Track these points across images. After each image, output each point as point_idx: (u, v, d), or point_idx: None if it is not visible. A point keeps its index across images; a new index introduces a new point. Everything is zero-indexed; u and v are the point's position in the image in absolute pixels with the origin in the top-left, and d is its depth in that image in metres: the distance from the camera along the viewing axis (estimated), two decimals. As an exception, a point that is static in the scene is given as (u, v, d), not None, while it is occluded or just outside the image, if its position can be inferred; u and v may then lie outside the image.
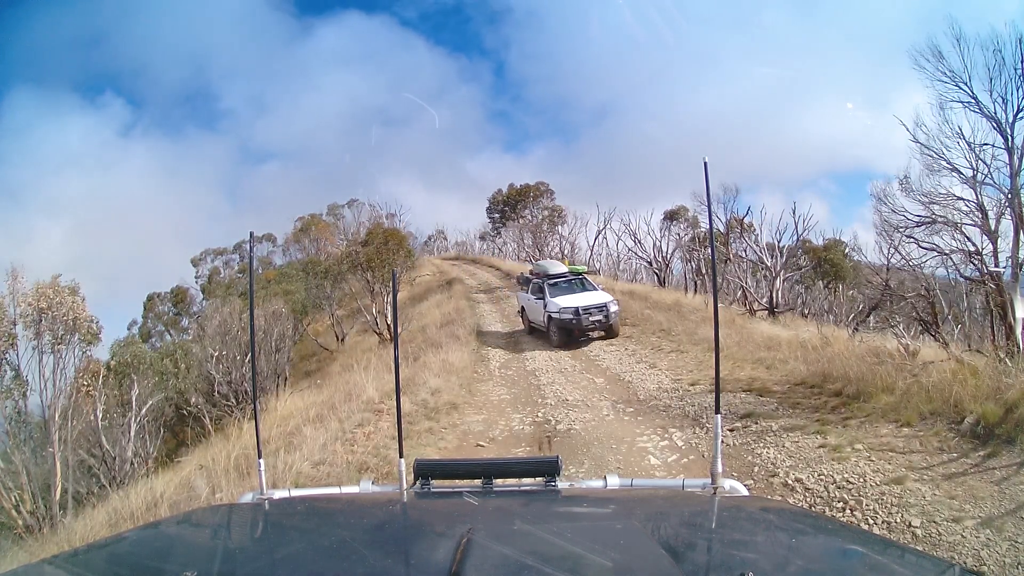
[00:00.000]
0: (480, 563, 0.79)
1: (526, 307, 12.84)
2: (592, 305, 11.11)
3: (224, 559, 0.98)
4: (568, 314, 10.94)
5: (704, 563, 0.92)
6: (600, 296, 11.62)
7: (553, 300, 11.38)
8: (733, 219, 16.61)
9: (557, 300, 11.34)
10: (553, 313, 11.16)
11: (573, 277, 12.53)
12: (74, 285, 11.46)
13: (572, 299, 11.30)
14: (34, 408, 10.28)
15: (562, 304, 11.12)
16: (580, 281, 12.36)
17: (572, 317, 10.92)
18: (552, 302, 11.34)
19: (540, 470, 1.34)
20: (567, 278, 12.40)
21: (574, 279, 12.41)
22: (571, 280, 12.33)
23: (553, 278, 12.28)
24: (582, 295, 11.60)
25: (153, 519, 4.32)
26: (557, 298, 11.43)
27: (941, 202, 6.90)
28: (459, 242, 40.86)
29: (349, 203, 35.30)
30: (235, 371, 12.14)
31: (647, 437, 5.80)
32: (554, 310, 11.15)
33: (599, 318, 11.01)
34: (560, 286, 11.98)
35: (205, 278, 37.16)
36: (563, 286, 12.00)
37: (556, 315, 11.07)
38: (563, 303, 11.16)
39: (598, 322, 11.02)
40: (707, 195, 1.56)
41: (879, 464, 4.46)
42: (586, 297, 11.49)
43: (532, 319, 12.39)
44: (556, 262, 14.18)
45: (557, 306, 11.15)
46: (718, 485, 1.29)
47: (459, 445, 6.10)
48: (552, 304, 11.29)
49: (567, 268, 13.16)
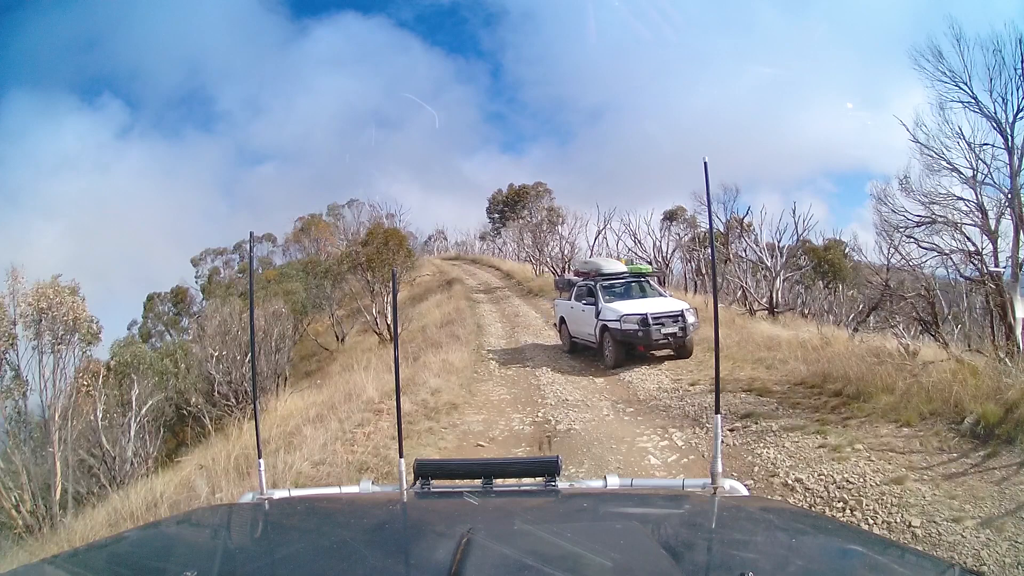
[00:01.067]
0: (480, 563, 0.79)
1: (567, 317, 10.51)
2: (665, 313, 8.80)
3: (224, 559, 0.98)
4: (632, 324, 8.66)
5: (704, 563, 0.92)
6: (672, 302, 9.40)
7: (610, 306, 9.17)
8: (733, 219, 16.59)
9: (616, 306, 9.12)
10: (610, 322, 8.91)
11: (633, 278, 10.29)
12: (74, 285, 11.48)
13: (636, 305, 9.13)
14: (34, 408, 10.29)
15: (623, 311, 8.87)
16: (642, 283, 10.18)
17: (638, 328, 8.59)
18: (608, 308, 9.11)
19: (540, 470, 1.35)
20: (625, 279, 10.21)
21: (635, 281, 10.21)
22: (631, 282, 10.15)
23: (608, 278, 10.06)
24: (649, 300, 9.43)
25: (153, 519, 4.32)
26: (615, 303, 9.26)
27: (941, 202, 6.90)
28: (459, 242, 40.95)
29: (349, 203, 35.35)
30: (235, 371, 12.13)
31: (647, 437, 5.80)
32: (611, 318, 8.89)
33: (673, 331, 8.68)
34: (617, 289, 9.88)
35: (205, 278, 37.20)
36: (621, 289, 9.91)
37: (615, 325, 8.82)
38: (624, 309, 8.92)
39: (671, 336, 8.70)
40: (707, 195, 1.56)
41: (879, 464, 4.46)
42: (655, 303, 9.23)
43: (576, 332, 10.17)
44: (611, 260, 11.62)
45: (616, 313, 8.88)
46: (718, 485, 1.29)
47: (459, 445, 6.10)
48: (609, 311, 9.05)
49: (625, 267, 10.70)
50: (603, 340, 9.16)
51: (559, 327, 11.06)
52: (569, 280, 11.40)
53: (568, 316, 10.51)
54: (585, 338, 9.83)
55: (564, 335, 10.76)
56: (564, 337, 10.77)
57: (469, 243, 39.31)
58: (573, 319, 10.29)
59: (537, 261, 22.13)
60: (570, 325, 10.42)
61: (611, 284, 9.95)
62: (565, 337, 10.70)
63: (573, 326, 10.31)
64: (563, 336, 10.82)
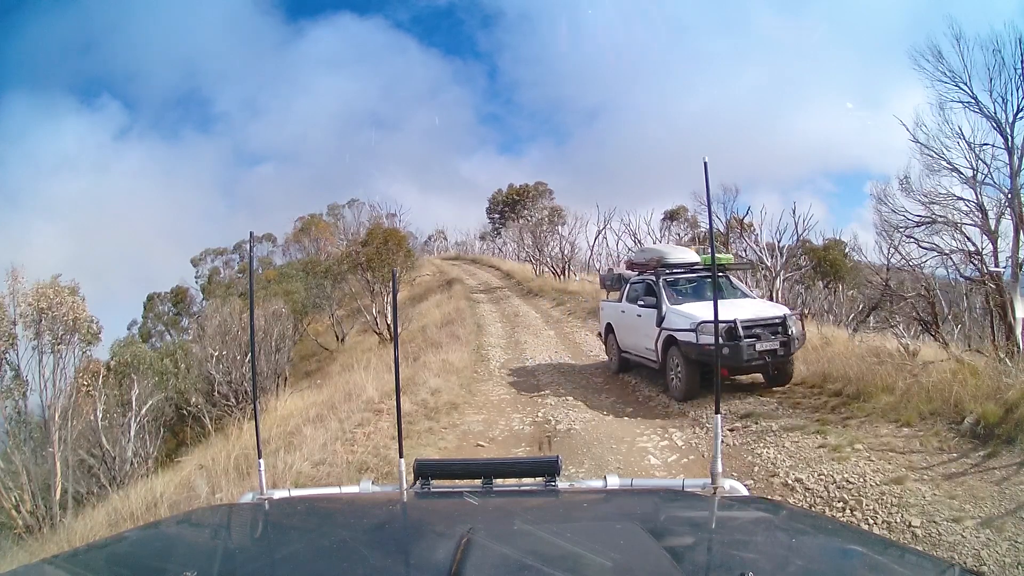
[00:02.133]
0: (480, 563, 0.79)
1: (617, 324, 8.16)
2: (760, 320, 6.32)
3: (224, 559, 0.98)
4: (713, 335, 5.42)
5: (704, 563, 0.92)
6: (767, 305, 7.05)
7: (679, 310, 6.68)
8: (733, 219, 16.59)
9: (688, 310, 6.62)
10: (679, 333, 6.44)
11: (709, 272, 7.47)
12: (74, 285, 11.49)
13: (721, 309, 6.18)
14: (34, 408, 10.30)
15: (700, 316, 6.30)
16: (721, 280, 7.48)
17: (727, 342, 6.08)
18: (677, 313, 6.64)
19: (540, 470, 1.35)
20: (699, 273, 7.56)
21: (711, 276, 7.44)
22: (706, 277, 7.47)
23: (674, 271, 7.49)
24: (733, 303, 6.79)
25: (153, 519, 4.32)
26: (687, 306, 6.75)
27: (941, 202, 6.91)
28: (459, 242, 40.96)
29: (349, 203, 35.35)
30: (235, 371, 12.13)
31: (647, 437, 5.80)
32: (682, 327, 6.43)
33: (773, 346, 6.18)
34: (688, 286, 7.40)
35: (205, 278, 37.18)
36: (693, 286, 7.40)
37: (686, 337, 6.33)
38: (702, 315, 6.33)
39: (770, 354, 6.18)
40: (707, 195, 1.56)
41: (879, 464, 4.46)
42: (744, 306, 6.65)
43: (629, 344, 7.82)
44: (679, 247, 9.18)
45: (689, 320, 6.37)
46: (718, 485, 1.29)
47: (459, 445, 6.10)
48: (677, 317, 6.60)
49: (698, 256, 7.92)
50: (667, 358, 6.71)
51: (604, 337, 8.73)
52: (619, 275, 8.89)
53: (618, 323, 8.10)
54: (641, 354, 7.44)
55: (612, 349, 8.41)
56: (611, 351, 8.42)
57: (469, 243, 39.36)
58: (626, 327, 7.89)
59: (537, 261, 22.13)
60: (620, 335, 8.04)
61: (680, 279, 7.37)
62: (613, 351, 8.35)
63: (624, 336, 7.95)
64: (610, 349, 8.50)
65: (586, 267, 22.87)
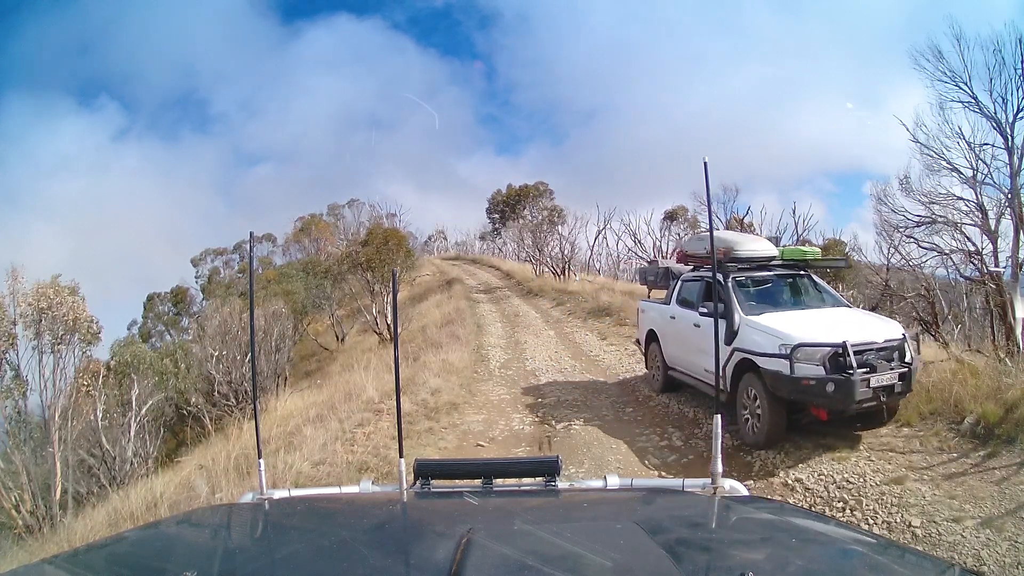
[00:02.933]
0: (480, 563, 0.79)
1: (663, 332, 6.65)
2: (875, 343, 4.68)
3: (224, 559, 0.98)
4: (814, 363, 4.54)
5: (704, 563, 0.92)
6: (875, 320, 5.30)
7: (762, 323, 4.98)
8: (733, 219, 16.60)
9: (773, 323, 4.94)
10: (763, 357, 4.79)
11: (788, 270, 5.85)
12: (74, 285, 11.49)
13: (813, 322, 4.92)
14: (34, 408, 10.31)
15: (795, 333, 4.71)
16: (804, 282, 5.80)
17: (825, 374, 4.50)
18: (759, 329, 4.94)
19: (540, 470, 1.35)
20: (776, 270, 5.81)
21: (791, 276, 5.81)
22: (785, 277, 5.79)
23: (744, 266, 5.73)
24: (830, 315, 5.21)
25: (153, 519, 4.32)
26: (771, 318, 5.05)
27: (941, 202, 6.93)
28: (459, 242, 41.00)
29: (349, 203, 35.43)
30: (235, 371, 12.13)
31: (647, 437, 5.80)
32: (767, 349, 4.77)
33: (891, 380, 4.56)
34: (763, 289, 5.61)
35: (205, 278, 37.17)
36: (770, 290, 5.64)
37: (773, 365, 4.69)
38: (797, 331, 4.74)
39: (887, 391, 4.55)
40: (707, 195, 1.57)
41: (879, 464, 4.46)
42: (848, 321, 5.04)
43: (679, 360, 6.26)
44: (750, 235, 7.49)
45: (779, 339, 4.72)
46: (718, 485, 1.29)
47: (459, 445, 6.10)
48: (760, 333, 4.91)
49: (775, 248, 6.00)
50: (740, 389, 5.03)
51: (644, 347, 7.25)
52: (666, 269, 7.28)
53: (664, 331, 6.60)
54: (697, 375, 5.88)
55: (655, 363, 6.89)
56: (654, 366, 6.93)
57: (469, 243, 39.39)
58: (673, 338, 6.38)
59: (537, 261, 22.14)
60: (667, 347, 6.52)
61: (756, 279, 5.62)
62: (656, 366, 6.88)
63: (673, 349, 6.42)
64: (652, 363, 7.01)
65: (586, 267, 22.89)
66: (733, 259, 5.78)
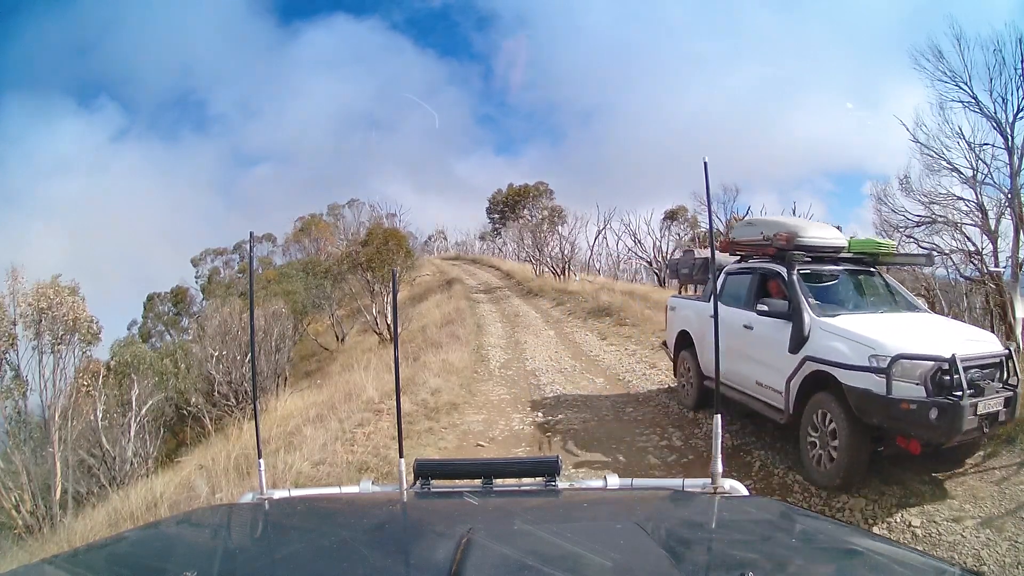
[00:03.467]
0: (480, 563, 0.79)
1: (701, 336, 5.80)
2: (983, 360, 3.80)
3: (224, 559, 0.98)
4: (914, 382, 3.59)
5: (704, 563, 0.92)
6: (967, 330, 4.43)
7: (842, 327, 4.11)
8: (733, 219, 16.61)
9: (853, 325, 4.10)
10: (846, 370, 3.84)
11: (858, 265, 4.97)
12: (74, 285, 11.51)
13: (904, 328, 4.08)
14: (34, 408, 10.32)
15: (893, 343, 3.72)
16: (874, 281, 4.97)
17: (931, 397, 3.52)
18: (839, 334, 4.06)
19: (540, 470, 1.35)
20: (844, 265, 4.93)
21: (860, 272, 4.96)
22: (855, 274, 4.94)
23: (811, 257, 4.82)
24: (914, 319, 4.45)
25: (153, 519, 4.32)
26: (846, 319, 4.26)
27: (941, 202, 6.94)
28: (459, 242, 41.07)
29: (349, 203, 35.47)
30: (235, 371, 12.14)
31: (646, 437, 5.80)
32: (851, 359, 3.84)
33: (996, 406, 3.62)
34: (827, 285, 4.77)
35: (205, 278, 37.23)
36: (837, 287, 4.81)
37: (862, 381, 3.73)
38: (892, 339, 3.78)
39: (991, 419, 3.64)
40: (707, 195, 1.57)
41: (879, 464, 4.45)
42: (942, 329, 4.31)
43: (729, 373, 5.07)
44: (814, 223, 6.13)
45: (869, 347, 3.77)
46: (718, 485, 1.29)
47: (459, 445, 6.10)
48: (840, 339, 4.01)
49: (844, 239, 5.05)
50: (809, 410, 4.16)
51: (674, 353, 6.35)
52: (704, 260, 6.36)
53: (702, 334, 5.73)
54: (746, 389, 4.91)
55: (687, 372, 6.04)
56: (686, 375, 6.05)
57: (469, 243, 39.46)
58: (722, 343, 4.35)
59: (537, 261, 22.16)
60: (707, 354, 5.61)
61: (821, 275, 4.77)
62: (690, 376, 5.99)
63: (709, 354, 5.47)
64: (683, 372, 6.13)
65: (586, 267, 22.91)
66: (799, 248, 4.75)
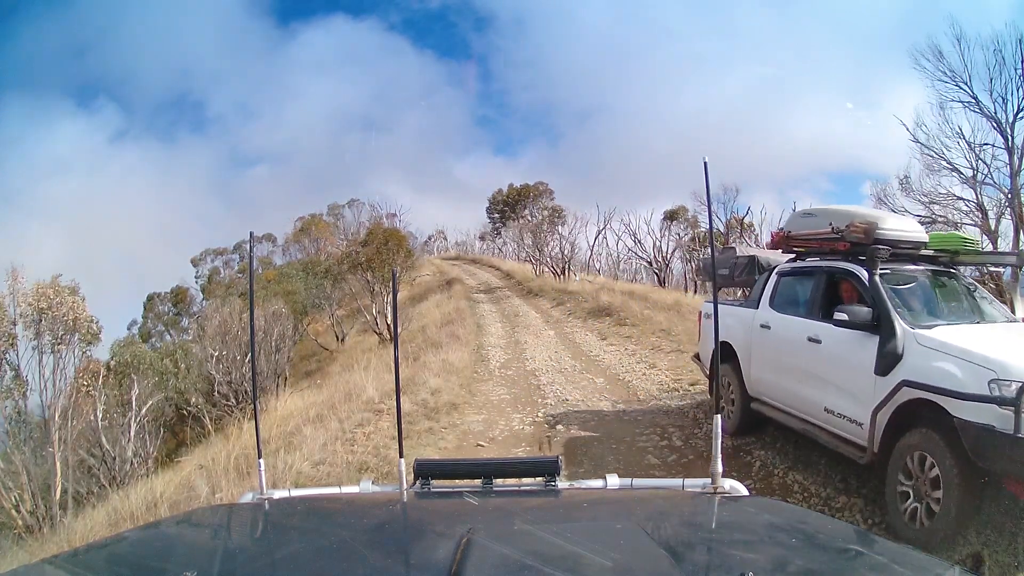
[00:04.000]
0: (480, 563, 0.79)
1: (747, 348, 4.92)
2: None
3: (224, 559, 0.98)
4: None
5: (704, 563, 0.92)
6: None
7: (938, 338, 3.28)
8: (733, 219, 16.64)
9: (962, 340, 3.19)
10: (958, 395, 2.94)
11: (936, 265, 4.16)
12: (74, 285, 11.52)
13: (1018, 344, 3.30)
14: (34, 408, 10.34)
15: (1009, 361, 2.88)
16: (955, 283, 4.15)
17: None
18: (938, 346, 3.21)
19: (540, 470, 1.35)
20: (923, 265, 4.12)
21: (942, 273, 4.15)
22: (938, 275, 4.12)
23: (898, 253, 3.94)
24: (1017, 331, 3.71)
25: (153, 519, 4.32)
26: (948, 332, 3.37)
27: (941, 202, 6.94)
28: (459, 242, 41.08)
29: (349, 203, 35.44)
30: (235, 371, 12.14)
31: (647, 437, 5.80)
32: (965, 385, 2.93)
33: None
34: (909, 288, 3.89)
35: (205, 278, 37.22)
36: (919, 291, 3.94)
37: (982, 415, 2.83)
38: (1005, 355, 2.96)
39: None
40: (707, 195, 1.56)
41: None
42: None
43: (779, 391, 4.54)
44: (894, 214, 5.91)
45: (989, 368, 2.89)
46: (718, 485, 1.29)
47: (459, 445, 6.10)
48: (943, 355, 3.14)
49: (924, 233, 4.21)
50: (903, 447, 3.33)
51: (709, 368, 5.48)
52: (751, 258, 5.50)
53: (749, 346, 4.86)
54: (810, 416, 4.16)
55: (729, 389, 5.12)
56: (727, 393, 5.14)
57: (469, 243, 39.47)
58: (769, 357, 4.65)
59: (537, 261, 22.17)
60: (755, 370, 4.80)
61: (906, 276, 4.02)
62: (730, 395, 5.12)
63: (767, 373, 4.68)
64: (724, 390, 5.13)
65: (586, 267, 22.92)
66: (880, 241, 3.89)
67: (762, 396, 4.76)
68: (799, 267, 4.72)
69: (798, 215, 5.21)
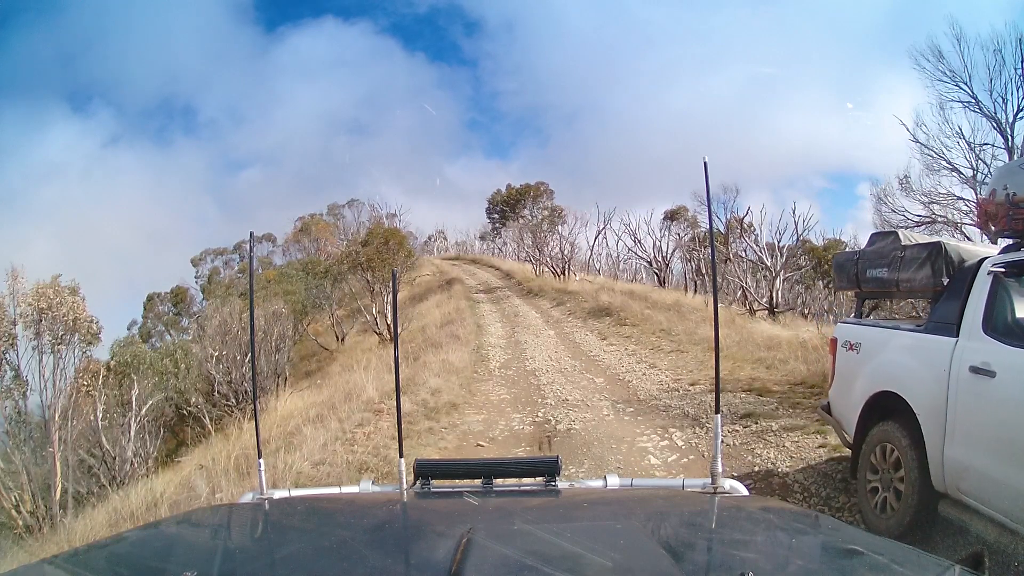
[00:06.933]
0: (480, 563, 0.79)
1: (933, 408, 2.77)
2: None
3: (224, 559, 0.98)
4: None
5: (704, 563, 0.92)
6: None
7: None
8: (733, 219, 16.64)
9: None
10: None
11: None
12: (74, 285, 11.52)
13: None
14: (34, 408, 10.33)
15: None
16: None
17: None
18: None
19: (540, 470, 1.35)
20: None
21: None
22: None
23: None
24: None
25: (153, 519, 4.32)
26: None
27: (941, 202, 6.94)
28: (459, 242, 41.08)
29: (349, 203, 35.51)
30: (235, 371, 12.13)
31: (647, 437, 5.80)
32: None
33: None
34: None
35: (205, 278, 37.26)
36: None
37: None
38: None
39: None
40: (707, 195, 1.56)
41: (879, 464, 4.44)
42: None
43: (1004, 487, 2.38)
44: None
45: None
46: (718, 485, 1.29)
47: (459, 445, 6.10)
48: None
49: None
50: None
51: (857, 428, 3.41)
52: (940, 247, 3.14)
53: (939, 407, 2.78)
54: None
55: (893, 463, 3.11)
56: (886, 474, 3.16)
57: (469, 243, 39.47)
58: (991, 424, 2.54)
59: (537, 261, 22.17)
60: (960, 446, 2.68)
61: None
62: (898, 474, 3.07)
63: (990, 460, 2.54)
64: (877, 459, 3.23)
65: (586, 267, 22.92)
66: None
67: (967, 495, 2.72)
68: None
69: (1017, 166, 3.48)
